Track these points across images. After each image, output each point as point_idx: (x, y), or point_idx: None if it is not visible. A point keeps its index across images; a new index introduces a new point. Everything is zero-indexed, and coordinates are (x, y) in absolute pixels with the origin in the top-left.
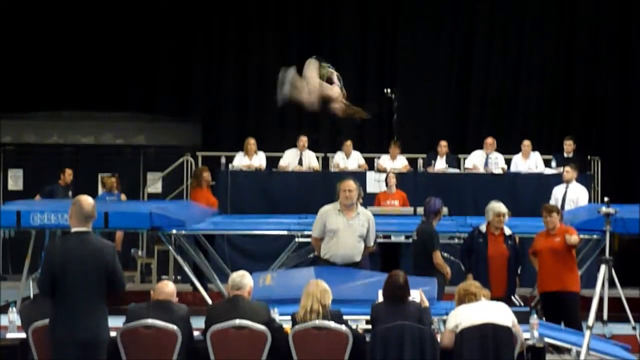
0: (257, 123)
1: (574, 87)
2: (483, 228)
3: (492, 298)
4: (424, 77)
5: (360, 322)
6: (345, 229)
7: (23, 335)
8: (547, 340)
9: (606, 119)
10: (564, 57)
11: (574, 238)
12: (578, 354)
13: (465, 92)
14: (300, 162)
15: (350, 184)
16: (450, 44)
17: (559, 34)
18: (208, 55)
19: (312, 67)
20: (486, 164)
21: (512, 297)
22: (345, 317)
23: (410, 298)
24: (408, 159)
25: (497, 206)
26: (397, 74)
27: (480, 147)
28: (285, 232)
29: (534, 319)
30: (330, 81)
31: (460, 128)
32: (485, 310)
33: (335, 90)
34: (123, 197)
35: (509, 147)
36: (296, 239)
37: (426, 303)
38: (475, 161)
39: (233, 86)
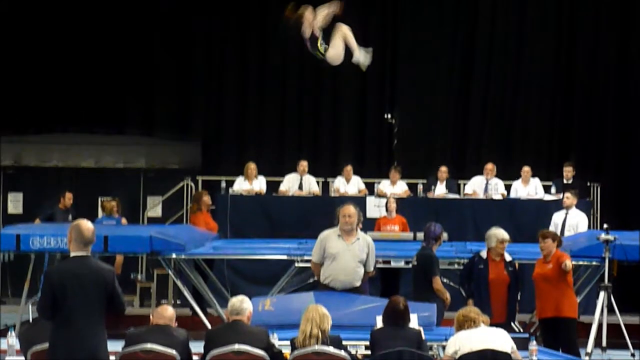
0: (257, 146)
1: (573, 113)
2: (484, 254)
3: (492, 324)
4: (423, 102)
5: (359, 347)
6: (345, 254)
7: (22, 359)
8: None
9: (606, 145)
10: (563, 83)
11: (565, 264)
12: None
13: (464, 118)
14: (300, 187)
15: (350, 209)
16: (449, 70)
17: (558, 60)
18: (208, 78)
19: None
20: (486, 189)
21: (512, 324)
22: (344, 343)
23: (410, 324)
24: (408, 184)
25: (500, 233)
26: (396, 99)
27: (480, 172)
28: (285, 257)
29: (533, 345)
30: None
31: (459, 153)
32: (485, 336)
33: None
34: (123, 220)
35: (508, 173)
36: (296, 264)
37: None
38: (475, 187)
39: (233, 109)
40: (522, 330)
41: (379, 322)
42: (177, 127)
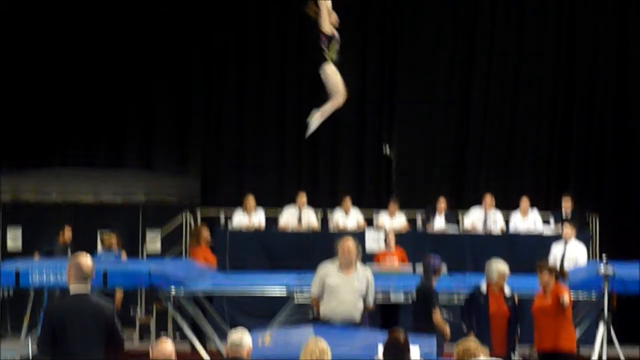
0: (256, 177)
1: (571, 143)
2: (483, 287)
3: (492, 356)
4: (421, 131)
5: None
6: (344, 286)
7: None
8: None
9: (604, 176)
10: (561, 114)
11: (562, 299)
12: None
13: (462, 147)
14: (299, 220)
15: (349, 244)
16: (447, 101)
17: (556, 90)
18: (206, 111)
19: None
20: (485, 223)
21: (512, 356)
22: None
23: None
24: (407, 214)
25: (502, 268)
26: (394, 130)
27: (478, 201)
28: (284, 291)
29: None
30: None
31: (458, 183)
32: None
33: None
34: (123, 255)
35: (507, 203)
36: (295, 298)
37: None
38: (474, 220)
39: (231, 141)
40: None
41: (380, 353)
42: (176, 160)
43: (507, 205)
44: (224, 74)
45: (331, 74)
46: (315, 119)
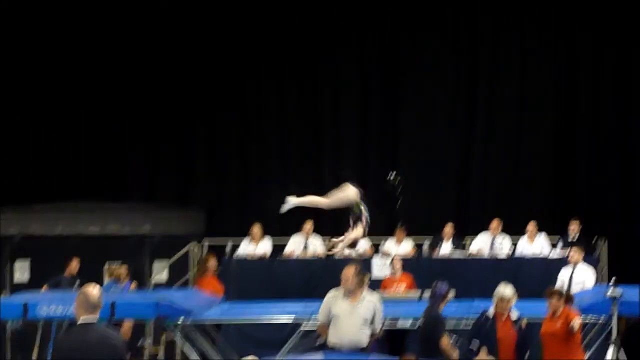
0: (261, 207)
1: (577, 168)
2: (491, 313)
3: None
4: (426, 158)
5: None
6: (349, 315)
7: None
8: None
9: (611, 199)
10: (567, 137)
11: (572, 324)
12: None
13: (467, 173)
14: (305, 247)
15: (347, 272)
16: (451, 126)
17: (561, 113)
18: (210, 142)
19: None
20: (492, 247)
21: None
22: None
23: None
24: (414, 240)
25: (502, 292)
26: (398, 157)
27: (485, 228)
28: (291, 320)
29: None
30: (358, 219)
31: (464, 210)
32: None
33: (360, 231)
34: (133, 285)
35: (514, 229)
36: (303, 326)
37: None
38: (481, 245)
39: (236, 170)
40: None
41: None
42: (181, 192)
43: (514, 231)
44: (227, 104)
45: (349, 194)
46: (292, 202)
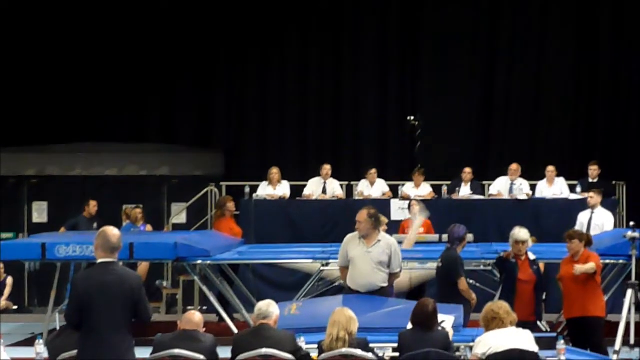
0: (280, 151)
1: (597, 111)
2: (509, 254)
3: (520, 322)
4: (445, 103)
5: (386, 349)
6: (362, 258)
7: None
8: None
9: (630, 143)
10: (587, 81)
11: (579, 268)
12: None
13: (487, 118)
14: (324, 191)
15: (361, 214)
16: (470, 69)
17: (581, 59)
18: (229, 84)
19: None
20: (511, 190)
21: (539, 323)
22: (371, 345)
23: (439, 327)
24: (432, 186)
25: (516, 233)
26: (418, 102)
27: (504, 173)
28: (309, 262)
29: (561, 344)
30: None
31: (483, 155)
32: (513, 337)
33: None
34: (149, 227)
35: (533, 174)
36: (321, 268)
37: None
38: (499, 187)
39: (255, 115)
40: (549, 329)
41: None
42: (200, 133)
43: (533, 176)
44: (247, 48)
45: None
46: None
